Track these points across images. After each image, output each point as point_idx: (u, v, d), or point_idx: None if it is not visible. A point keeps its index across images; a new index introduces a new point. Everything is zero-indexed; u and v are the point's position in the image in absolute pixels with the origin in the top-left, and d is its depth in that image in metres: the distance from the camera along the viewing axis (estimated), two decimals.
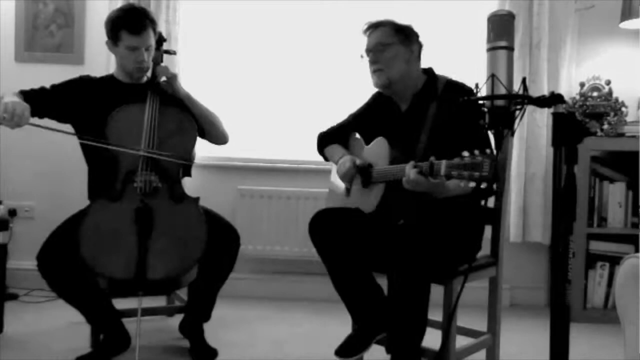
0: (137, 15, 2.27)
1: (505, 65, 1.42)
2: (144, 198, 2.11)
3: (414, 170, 1.79)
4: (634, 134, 3.03)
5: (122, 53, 2.29)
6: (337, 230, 2.05)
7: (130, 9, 2.33)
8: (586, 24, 3.26)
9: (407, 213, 1.99)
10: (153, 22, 2.31)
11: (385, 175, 2.02)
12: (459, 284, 1.93)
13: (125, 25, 2.24)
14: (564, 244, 1.35)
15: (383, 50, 2.09)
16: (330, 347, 2.09)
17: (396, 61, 2.08)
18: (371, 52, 2.11)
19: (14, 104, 2.00)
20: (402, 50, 2.09)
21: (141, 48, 2.27)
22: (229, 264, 2.30)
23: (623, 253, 2.86)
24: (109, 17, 2.31)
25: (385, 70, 2.09)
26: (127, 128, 2.20)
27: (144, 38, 2.26)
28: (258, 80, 3.40)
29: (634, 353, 1.54)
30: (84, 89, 2.32)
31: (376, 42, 2.10)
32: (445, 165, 1.67)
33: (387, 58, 2.08)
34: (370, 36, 2.14)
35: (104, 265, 2.00)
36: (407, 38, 2.11)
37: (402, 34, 2.11)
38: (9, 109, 1.98)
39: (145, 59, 2.30)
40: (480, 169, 1.55)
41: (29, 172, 3.33)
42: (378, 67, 2.10)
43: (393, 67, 2.08)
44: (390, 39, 2.10)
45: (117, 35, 2.26)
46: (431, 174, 1.74)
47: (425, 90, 2.13)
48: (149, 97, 2.27)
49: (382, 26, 2.13)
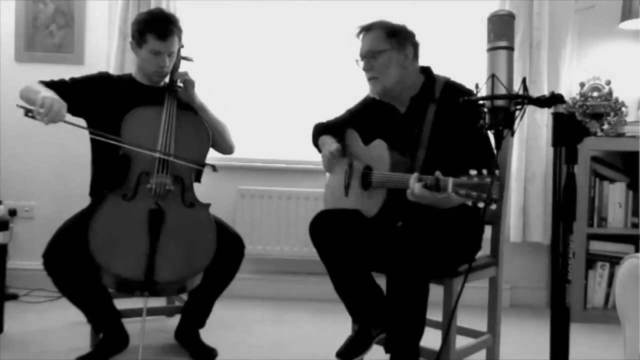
0: (166, 20, 2.27)
1: (505, 66, 1.41)
2: (158, 200, 2.11)
3: (418, 185, 1.76)
4: (634, 134, 3.03)
5: (145, 56, 2.29)
6: (338, 231, 2.04)
7: (160, 13, 2.32)
8: (586, 24, 3.26)
9: (406, 214, 1.98)
10: (180, 29, 2.32)
11: (386, 182, 1.98)
12: (459, 284, 1.93)
13: (153, 29, 2.24)
14: (564, 244, 1.35)
15: (375, 57, 2.04)
16: (330, 347, 2.10)
17: (390, 68, 2.04)
18: (364, 59, 2.08)
19: (52, 100, 1.99)
20: (395, 55, 2.04)
21: (164, 53, 2.27)
22: (232, 273, 2.31)
23: (623, 253, 2.86)
24: (137, 19, 2.32)
25: (380, 78, 2.05)
26: (143, 129, 2.21)
27: (169, 44, 2.27)
28: (258, 80, 3.40)
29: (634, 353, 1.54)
30: (103, 86, 2.32)
31: (368, 48, 2.06)
32: (453, 184, 1.66)
33: (380, 65, 2.04)
34: (363, 41, 2.09)
35: (113, 262, 2.00)
36: (400, 42, 2.05)
37: (395, 37, 2.05)
38: (46, 103, 1.97)
39: (167, 65, 2.31)
40: (488, 191, 1.54)
41: (29, 172, 3.33)
42: (372, 75, 2.06)
43: (387, 74, 2.04)
44: (382, 45, 2.04)
45: (143, 37, 2.26)
46: (437, 189, 1.72)
47: (423, 92, 2.09)
48: (166, 101, 2.28)
49: (374, 29, 2.07)
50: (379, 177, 2.04)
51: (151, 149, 2.15)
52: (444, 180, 1.69)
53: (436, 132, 2.02)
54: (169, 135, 2.21)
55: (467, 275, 1.74)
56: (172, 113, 2.26)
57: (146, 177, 2.16)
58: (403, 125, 2.11)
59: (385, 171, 2.00)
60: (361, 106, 2.28)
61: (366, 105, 2.26)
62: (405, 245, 1.85)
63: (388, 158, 2.02)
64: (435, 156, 1.98)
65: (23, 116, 1.98)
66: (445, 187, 1.68)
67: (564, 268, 1.35)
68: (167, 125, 2.23)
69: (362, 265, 2.04)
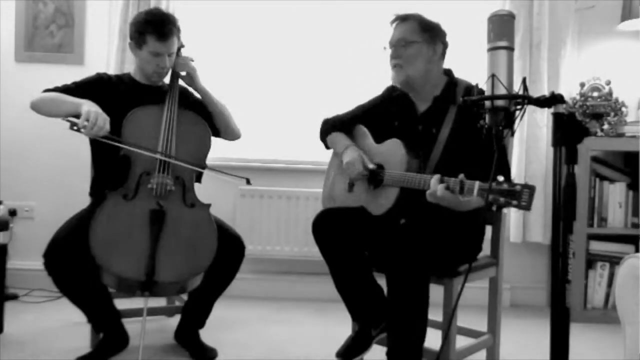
0: (165, 21, 2.25)
1: (505, 65, 1.42)
2: (159, 200, 2.11)
3: (441, 186, 1.74)
4: (634, 134, 3.03)
5: (145, 57, 2.29)
6: (340, 230, 2.04)
7: (158, 14, 2.30)
8: (586, 24, 3.26)
9: (409, 213, 1.98)
10: (178, 28, 2.31)
11: (401, 182, 1.97)
12: (459, 284, 1.93)
13: (152, 30, 2.23)
14: (564, 244, 1.35)
15: (405, 46, 2.04)
16: (330, 347, 2.10)
17: (417, 60, 2.04)
18: (393, 47, 2.07)
19: (97, 114, 2.03)
20: (425, 49, 2.05)
21: (164, 54, 2.27)
22: (232, 274, 2.31)
23: (623, 253, 2.86)
24: (136, 20, 2.30)
25: (405, 67, 2.05)
26: (144, 129, 2.21)
27: (169, 45, 2.26)
28: (258, 80, 3.40)
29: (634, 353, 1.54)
30: (103, 88, 2.32)
31: (400, 37, 2.05)
32: (479, 187, 1.66)
33: (408, 55, 2.04)
34: (396, 29, 2.08)
35: (113, 262, 1.99)
36: (432, 37, 2.06)
37: (428, 32, 2.06)
38: (91, 118, 2.01)
39: (167, 65, 2.30)
40: (519, 198, 1.53)
41: (29, 172, 3.33)
42: (397, 63, 2.06)
43: (413, 65, 2.04)
44: (415, 36, 2.05)
45: (142, 38, 2.25)
46: (461, 192, 1.71)
47: (445, 93, 2.08)
48: (167, 100, 2.28)
49: (410, 20, 2.07)
50: (392, 175, 2.02)
51: (153, 151, 2.15)
52: (470, 183, 1.69)
53: (455, 134, 2.01)
54: (170, 135, 2.21)
55: (467, 275, 1.74)
56: (173, 113, 2.26)
57: (147, 177, 2.16)
58: (421, 124, 2.09)
59: (401, 170, 1.99)
60: (378, 101, 2.27)
61: (384, 99, 2.25)
62: (406, 244, 1.85)
63: (404, 157, 2.01)
64: (450, 158, 1.98)
65: (69, 129, 2.03)
66: (471, 190, 1.68)
67: (564, 268, 1.35)
68: (167, 125, 2.22)
69: (363, 264, 2.04)
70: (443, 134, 2.03)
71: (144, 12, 2.34)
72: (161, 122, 2.23)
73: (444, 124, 2.03)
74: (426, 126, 2.08)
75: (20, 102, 3.31)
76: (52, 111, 2.14)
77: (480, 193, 1.65)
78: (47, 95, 2.20)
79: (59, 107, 2.14)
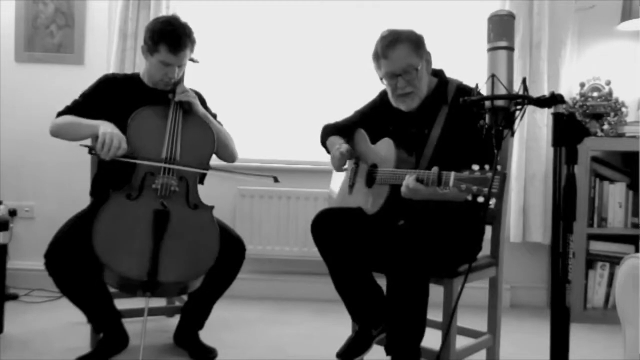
0: (181, 34, 2.23)
1: (505, 66, 1.42)
2: (163, 200, 2.11)
3: (412, 178, 1.78)
4: (634, 134, 3.03)
5: (155, 64, 2.27)
6: (339, 230, 2.04)
7: (175, 24, 2.25)
8: (586, 24, 3.26)
9: (407, 213, 1.99)
10: (193, 42, 2.29)
11: (389, 178, 1.99)
12: (459, 284, 1.93)
13: (166, 40, 2.21)
14: (564, 244, 1.35)
15: (411, 73, 1.99)
16: (330, 347, 2.10)
17: (422, 80, 2.03)
18: (399, 76, 2.00)
19: (112, 135, 2.08)
20: (424, 66, 2.03)
21: (174, 65, 2.25)
22: (232, 276, 2.30)
23: (623, 253, 2.85)
24: (153, 27, 2.26)
25: (416, 92, 2.02)
26: (148, 130, 2.20)
27: (181, 57, 2.25)
28: (258, 80, 3.40)
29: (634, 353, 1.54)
30: (110, 89, 2.32)
31: (406, 64, 1.98)
32: (454, 178, 1.66)
33: (417, 80, 2.00)
34: (392, 58, 1.99)
35: (116, 261, 1.99)
36: (423, 50, 2.04)
37: (420, 48, 2.02)
38: (107, 140, 2.06)
39: (175, 77, 2.29)
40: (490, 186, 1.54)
41: (29, 172, 3.34)
42: (409, 91, 2.01)
43: (421, 86, 2.03)
44: (415, 60, 1.99)
45: (155, 47, 2.23)
46: (438, 184, 1.72)
47: (436, 93, 2.08)
48: (172, 103, 2.28)
49: (401, 45, 1.99)
50: (382, 173, 2.04)
51: (157, 160, 2.15)
52: (446, 174, 1.70)
53: (446, 133, 2.01)
54: (174, 137, 2.21)
55: (467, 275, 1.74)
56: (179, 114, 2.26)
57: (151, 177, 2.15)
58: (413, 124, 2.10)
59: (391, 168, 2.01)
60: (372, 106, 2.28)
61: (377, 105, 2.25)
62: (405, 245, 1.85)
63: (394, 155, 2.02)
64: (442, 156, 1.98)
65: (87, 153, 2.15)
66: (447, 181, 1.69)
67: (564, 268, 1.35)
68: (172, 127, 2.22)
69: (363, 264, 2.05)
70: (434, 133, 2.03)
71: (162, 20, 2.29)
72: (166, 123, 2.23)
73: (435, 123, 2.04)
74: (419, 127, 2.08)
75: (21, 101, 3.34)
76: (74, 137, 2.22)
77: (456, 184, 1.65)
78: (63, 121, 2.23)
79: (77, 132, 2.21)
